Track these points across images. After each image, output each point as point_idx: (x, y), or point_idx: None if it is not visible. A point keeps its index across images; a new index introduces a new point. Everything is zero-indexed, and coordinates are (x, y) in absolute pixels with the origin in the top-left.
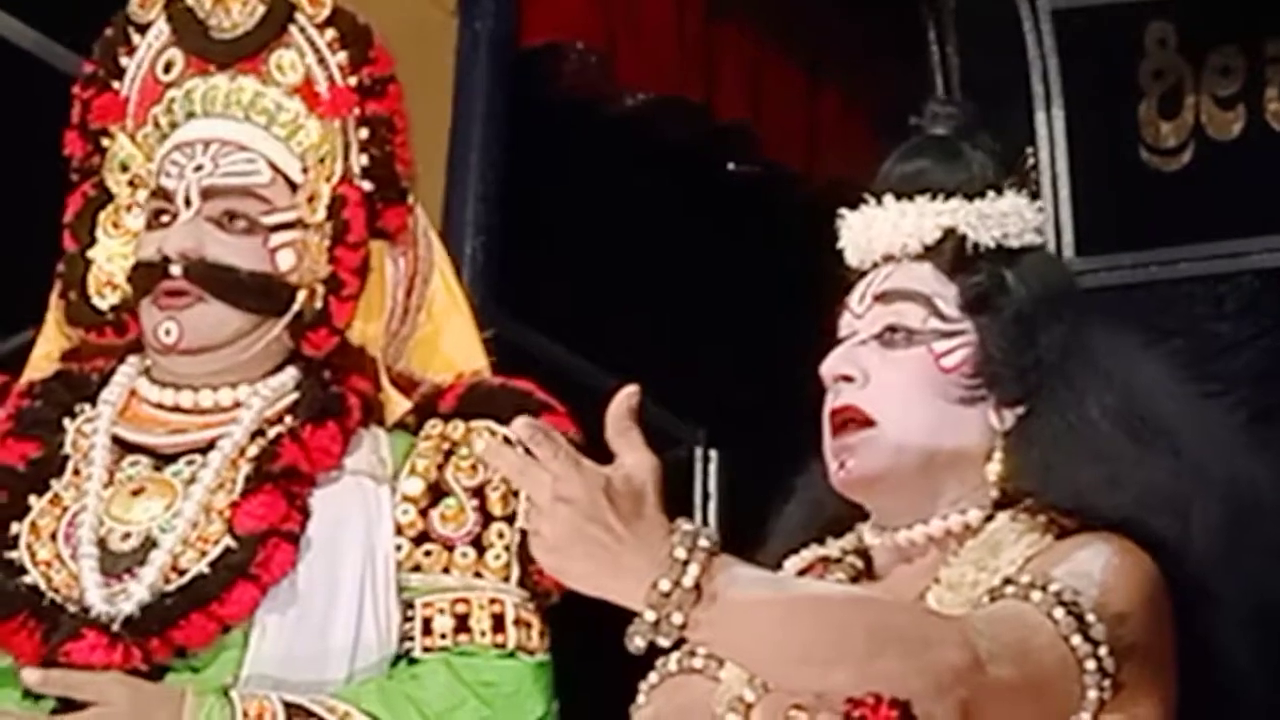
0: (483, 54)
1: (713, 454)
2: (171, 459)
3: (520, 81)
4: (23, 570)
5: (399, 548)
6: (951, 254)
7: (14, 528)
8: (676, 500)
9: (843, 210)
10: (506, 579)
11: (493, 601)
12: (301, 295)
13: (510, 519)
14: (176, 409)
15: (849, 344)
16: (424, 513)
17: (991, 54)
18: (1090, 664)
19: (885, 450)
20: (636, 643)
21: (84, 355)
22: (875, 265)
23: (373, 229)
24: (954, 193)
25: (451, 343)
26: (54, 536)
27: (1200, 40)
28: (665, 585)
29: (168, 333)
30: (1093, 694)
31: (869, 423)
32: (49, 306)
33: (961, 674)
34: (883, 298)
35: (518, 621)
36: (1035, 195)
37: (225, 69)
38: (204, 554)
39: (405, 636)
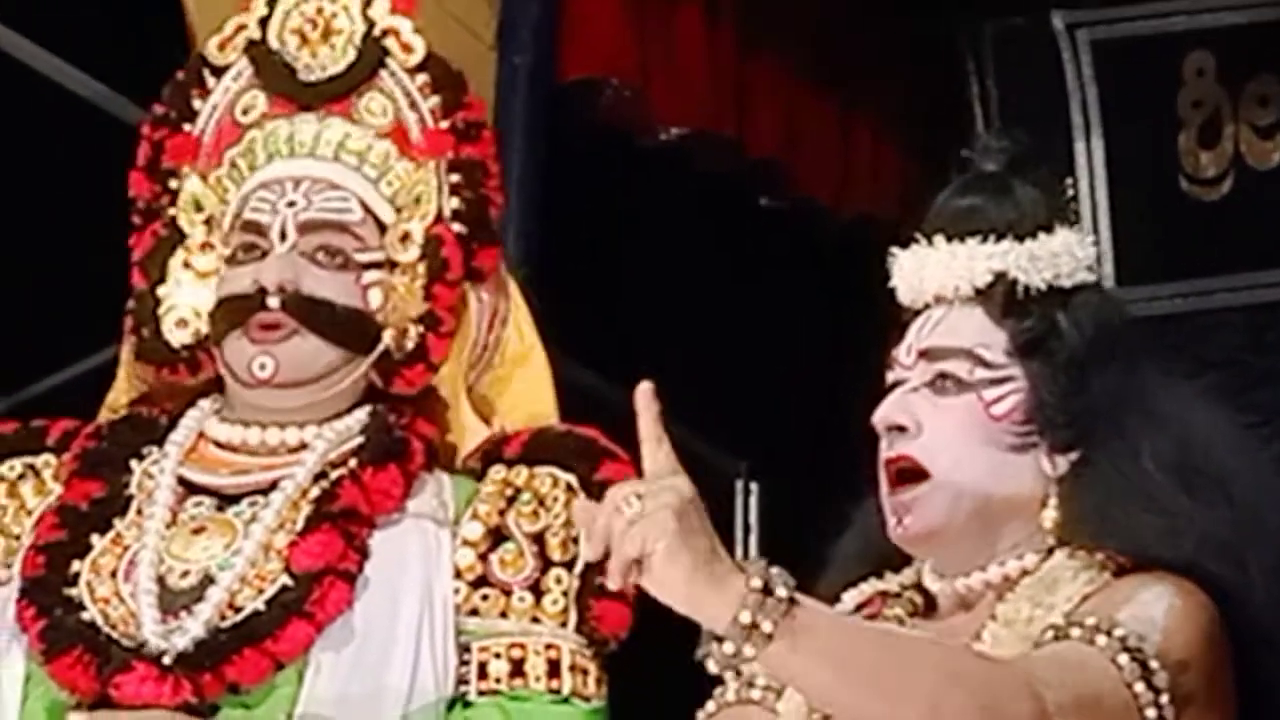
0: (521, 88)
1: (753, 486)
2: (235, 499)
3: (557, 115)
4: (81, 607)
5: (457, 591)
6: (1002, 298)
7: (75, 565)
8: (718, 532)
9: (894, 249)
10: (564, 624)
11: (549, 647)
12: (388, 335)
13: (569, 564)
14: (243, 447)
15: (901, 391)
16: (483, 557)
17: (1030, 85)
18: (1151, 712)
19: (942, 504)
20: (725, 650)
21: (155, 398)
22: (927, 305)
23: (468, 269)
24: (1005, 233)
25: (526, 388)
26: (114, 574)
27: (1238, 70)
28: (758, 584)
29: (263, 367)
30: None
31: (923, 474)
32: (120, 358)
33: None
34: (926, 354)
35: (573, 667)
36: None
37: (311, 110)
38: (261, 592)
39: (461, 680)
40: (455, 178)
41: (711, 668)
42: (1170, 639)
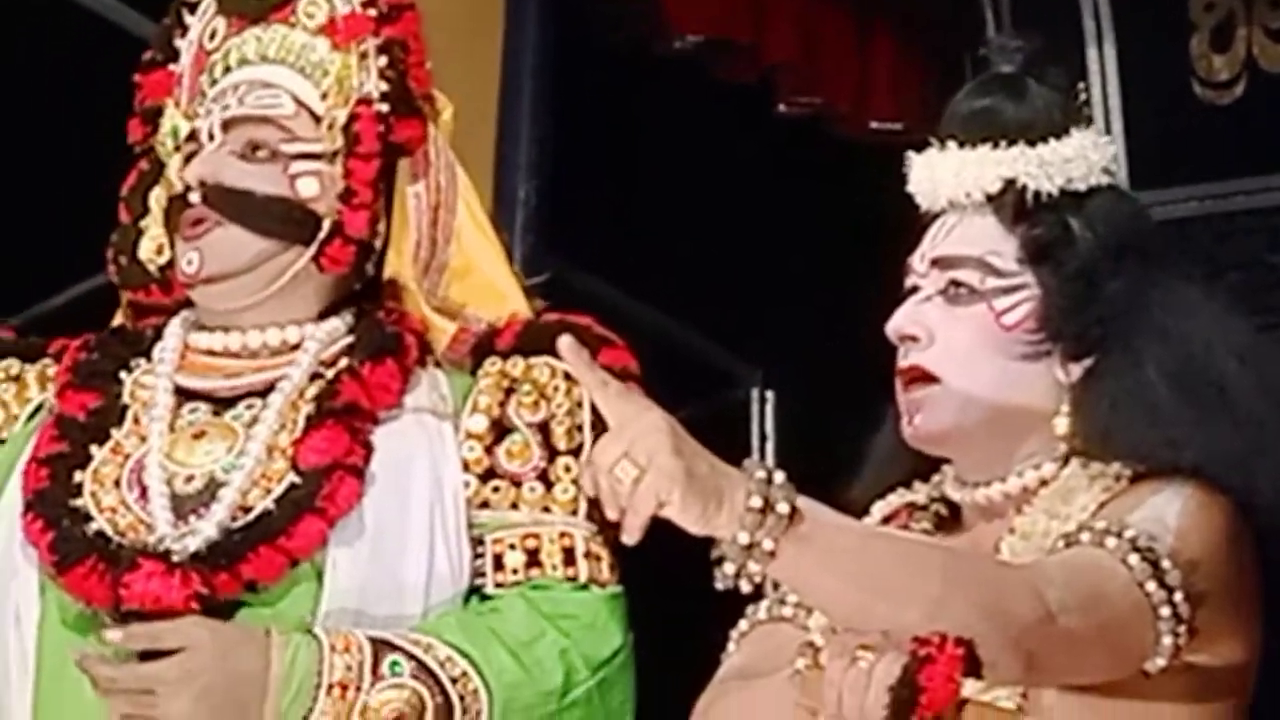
0: None
1: (769, 395)
2: (230, 403)
3: (570, 24)
4: (89, 517)
5: (467, 484)
6: (1013, 204)
7: (77, 476)
8: (735, 441)
9: (909, 153)
10: (574, 512)
11: (562, 535)
12: (327, 224)
13: (575, 452)
14: (227, 352)
15: (913, 301)
16: (489, 449)
17: None
18: (1165, 610)
19: (950, 407)
20: (726, 570)
21: (136, 316)
22: (942, 210)
23: (386, 144)
24: (1017, 137)
25: (490, 274)
26: (117, 483)
27: None
28: (757, 503)
29: (190, 262)
30: (1167, 640)
31: (933, 380)
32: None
33: (1030, 626)
34: (938, 262)
35: (588, 554)
36: None
37: (258, 23)
38: (269, 491)
39: (477, 573)
40: (382, 60)
41: (719, 585)
42: (1183, 539)
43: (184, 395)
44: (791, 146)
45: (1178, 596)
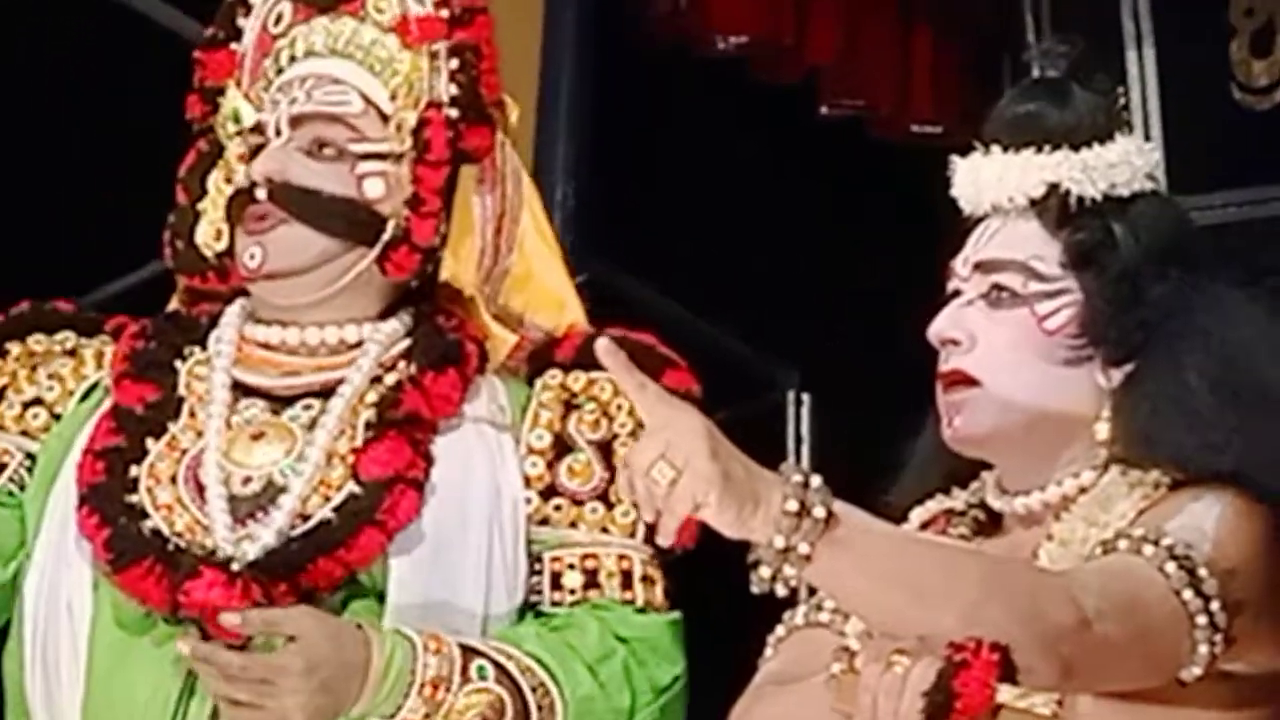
0: None
1: (806, 397)
2: (287, 402)
3: (611, 25)
4: (144, 514)
5: (528, 500)
6: (1056, 209)
7: (133, 470)
8: (771, 444)
9: (954, 158)
10: (633, 535)
11: (621, 558)
12: (391, 225)
13: None
14: (284, 347)
15: (955, 305)
16: (550, 465)
17: None
18: (1201, 619)
19: (991, 410)
20: (762, 574)
21: (190, 302)
22: (985, 215)
23: (456, 151)
24: (1060, 142)
25: (550, 282)
26: (173, 480)
27: None
28: (793, 506)
29: (252, 256)
30: (1203, 649)
31: (974, 383)
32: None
33: (1066, 633)
34: (980, 266)
35: (645, 579)
36: None
37: (327, 13)
38: (328, 499)
39: (533, 589)
40: (453, 63)
41: (754, 589)
42: (1220, 547)
43: (240, 390)
44: (832, 149)
45: (1214, 605)
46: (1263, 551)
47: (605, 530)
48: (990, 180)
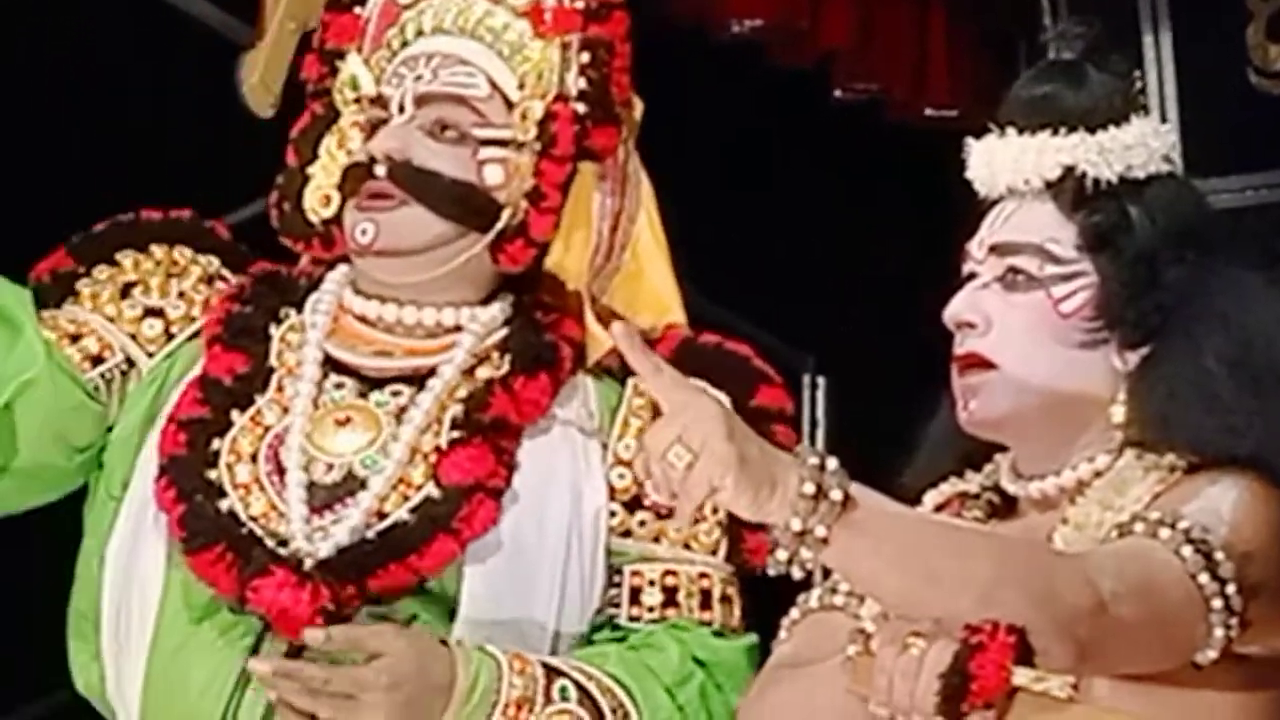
0: None
1: (821, 381)
2: (376, 384)
3: (627, 9)
4: (221, 492)
5: (612, 513)
6: (1072, 191)
7: (214, 444)
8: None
9: (969, 140)
10: (714, 552)
11: (702, 576)
12: (506, 214)
13: None
14: (381, 323)
15: (971, 287)
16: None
17: None
18: (1217, 602)
19: (1006, 393)
20: (778, 556)
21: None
22: (1001, 197)
23: (581, 148)
24: (1076, 124)
25: (658, 283)
26: (254, 458)
27: None
28: (810, 489)
29: (364, 232)
30: (1219, 632)
31: (990, 366)
32: None
33: (1081, 616)
34: (996, 249)
35: (724, 598)
36: None
37: None
38: (406, 498)
39: (610, 602)
40: (585, 57)
41: (770, 571)
42: (1237, 531)
43: (330, 365)
44: (847, 132)
45: (1230, 589)
46: (1279, 535)
47: (688, 546)
48: (1006, 162)
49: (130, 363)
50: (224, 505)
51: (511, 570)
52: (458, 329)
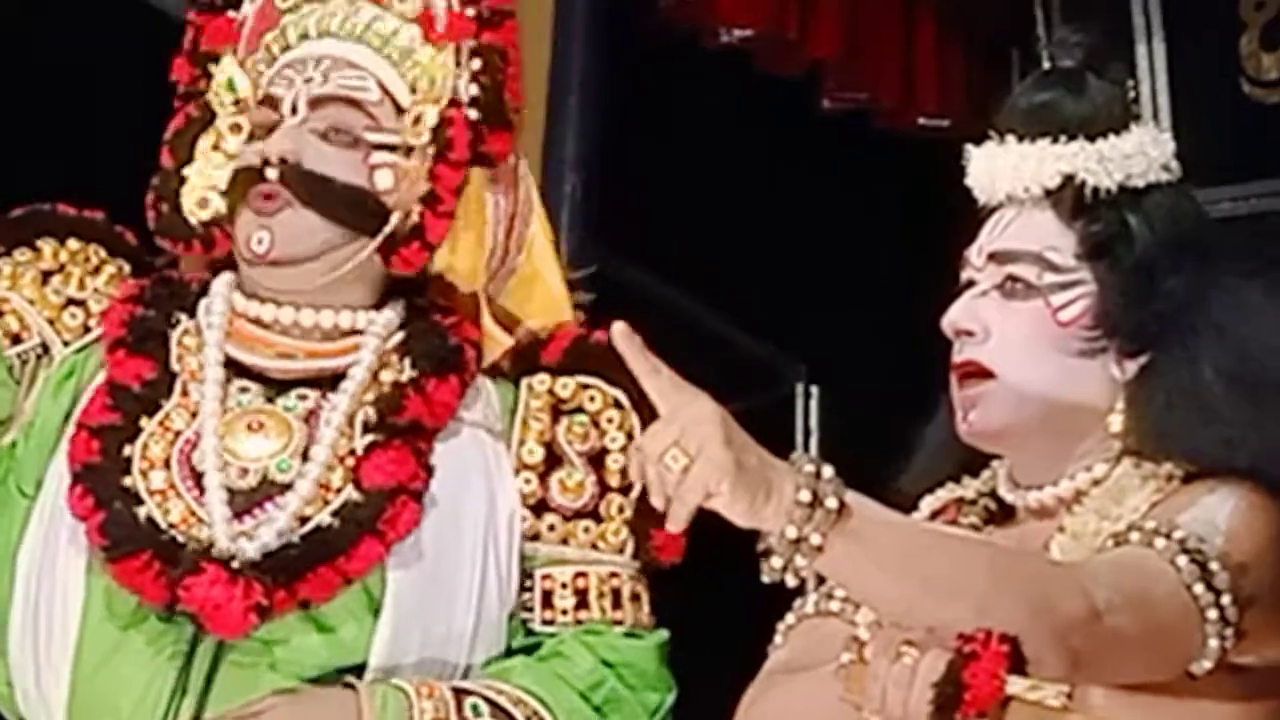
0: None
1: (814, 390)
2: (281, 387)
3: (618, 18)
4: (138, 499)
5: (524, 518)
6: (1072, 200)
7: (126, 450)
8: (779, 435)
9: (969, 147)
10: (621, 550)
11: (611, 575)
12: (395, 218)
13: (627, 490)
14: (277, 325)
15: (969, 295)
16: (542, 478)
17: None
18: (1212, 613)
19: (1006, 403)
20: (773, 564)
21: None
22: (1000, 205)
23: (475, 153)
24: (1076, 133)
25: (551, 284)
26: (167, 463)
27: None
28: (806, 497)
29: (260, 241)
30: (1214, 643)
31: (989, 375)
32: None
33: (1076, 624)
34: (995, 257)
35: (633, 596)
36: None
37: None
38: (326, 502)
39: (523, 606)
40: (476, 64)
41: (765, 578)
42: (1233, 541)
43: (232, 367)
44: (837, 140)
45: (1225, 599)
46: (1275, 546)
47: (595, 547)
48: (1005, 170)
49: (45, 348)
50: (142, 512)
51: (435, 572)
52: (356, 332)
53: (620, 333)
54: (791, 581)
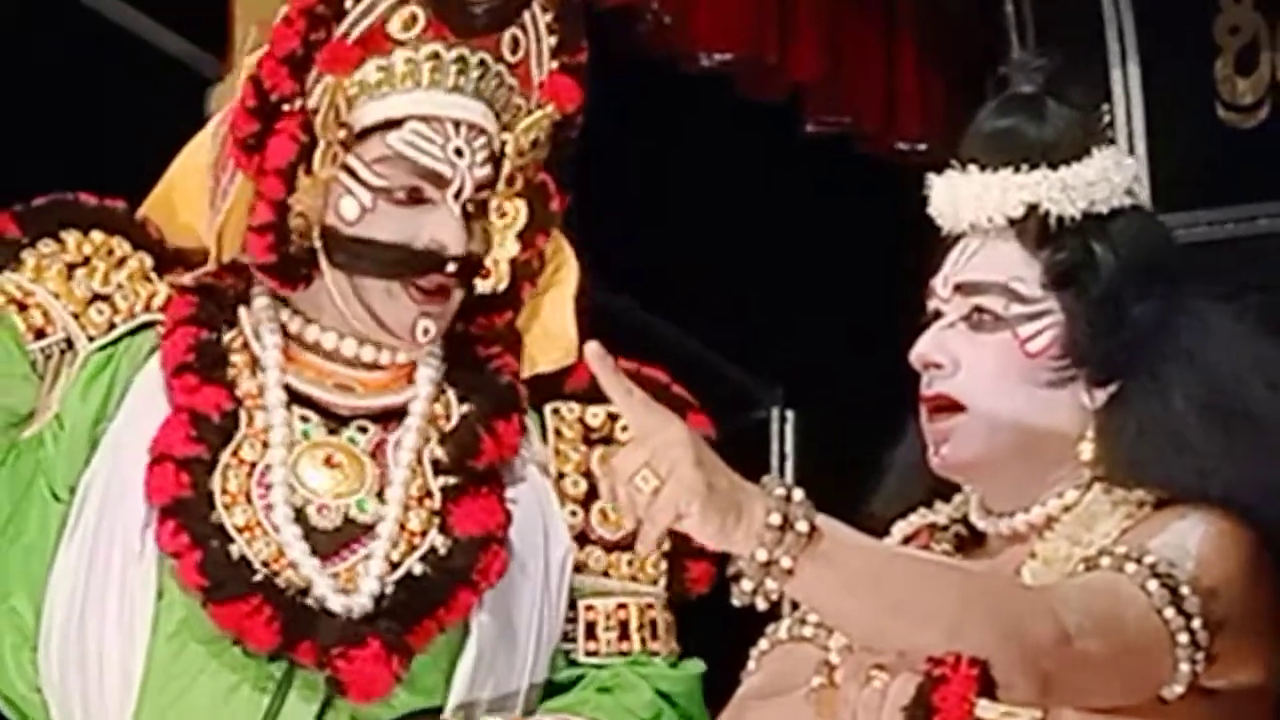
0: None
1: (789, 414)
2: (342, 420)
3: (598, 43)
4: (229, 536)
5: (570, 549)
6: (1036, 229)
7: (209, 483)
8: (755, 460)
9: (930, 176)
10: (656, 582)
11: (649, 606)
12: (491, 281)
13: None
14: (338, 356)
15: (937, 327)
16: (585, 506)
17: (1067, 10)
18: (1183, 637)
19: (978, 435)
20: (744, 587)
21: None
22: (963, 234)
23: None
24: (1039, 161)
25: (568, 326)
26: (248, 498)
27: None
28: (776, 520)
29: (425, 331)
30: (1184, 667)
31: (959, 408)
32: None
33: (1046, 648)
34: (961, 288)
35: (668, 627)
36: None
37: (466, 40)
38: (412, 546)
39: (565, 637)
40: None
41: (735, 601)
42: (1204, 566)
43: (291, 395)
44: (815, 166)
45: (1196, 624)
46: (1246, 571)
47: (635, 579)
48: (968, 199)
49: (69, 343)
50: (234, 551)
51: (507, 614)
52: (409, 365)
53: (594, 353)
54: (762, 605)
